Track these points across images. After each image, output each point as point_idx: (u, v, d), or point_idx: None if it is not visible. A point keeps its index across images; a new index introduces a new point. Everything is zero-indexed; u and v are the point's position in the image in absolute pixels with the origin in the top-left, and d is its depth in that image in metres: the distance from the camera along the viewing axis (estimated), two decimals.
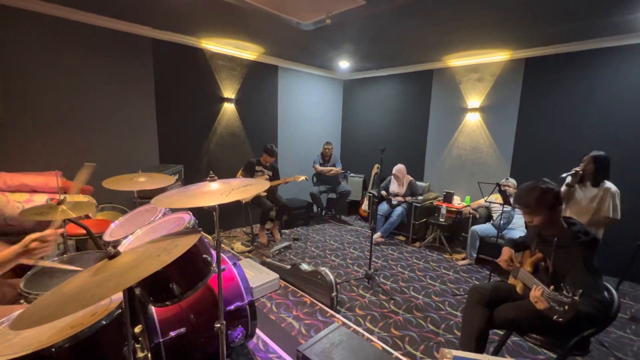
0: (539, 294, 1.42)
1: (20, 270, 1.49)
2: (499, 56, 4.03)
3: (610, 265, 3.00)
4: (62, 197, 1.75)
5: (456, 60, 4.41)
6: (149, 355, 1.34)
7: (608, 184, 2.50)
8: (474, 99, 4.35)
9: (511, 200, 3.33)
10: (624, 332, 2.47)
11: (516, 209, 3.43)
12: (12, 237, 2.49)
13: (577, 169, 2.57)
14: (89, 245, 2.40)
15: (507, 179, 3.67)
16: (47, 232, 1.35)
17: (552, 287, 1.39)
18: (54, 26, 2.95)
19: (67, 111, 3.12)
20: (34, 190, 2.59)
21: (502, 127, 4.14)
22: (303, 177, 4.20)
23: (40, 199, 2.52)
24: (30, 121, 2.92)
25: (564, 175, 2.63)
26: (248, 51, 4.39)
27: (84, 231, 2.04)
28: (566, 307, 1.26)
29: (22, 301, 1.34)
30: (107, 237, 1.69)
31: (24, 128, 2.89)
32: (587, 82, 3.47)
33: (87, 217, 2.61)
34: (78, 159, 3.18)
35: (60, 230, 1.44)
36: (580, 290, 1.27)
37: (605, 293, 1.56)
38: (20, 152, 2.88)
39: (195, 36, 3.81)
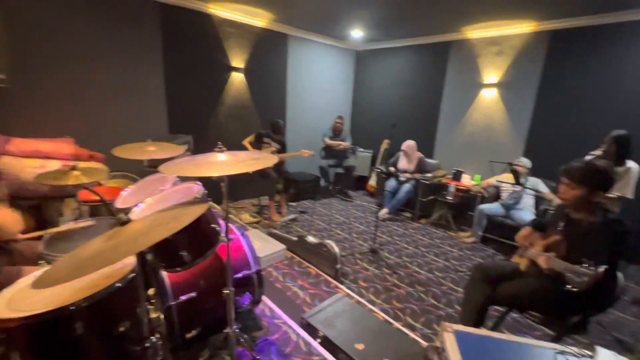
0: (544, 265, 1.45)
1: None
2: (522, 28, 3.79)
3: None
4: (74, 163, 1.78)
5: (476, 32, 4.17)
6: (162, 316, 1.42)
7: (630, 163, 2.46)
8: (492, 74, 4.16)
9: (522, 180, 3.28)
10: (623, 313, 2.50)
11: (526, 190, 3.38)
12: (29, 201, 2.58)
13: (598, 152, 2.50)
14: (102, 212, 2.47)
15: (520, 158, 3.59)
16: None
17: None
18: None
19: (77, 78, 3.09)
20: (47, 157, 2.63)
21: (519, 104, 3.98)
22: (310, 153, 4.16)
23: (53, 165, 2.57)
24: (41, 88, 2.91)
25: (588, 156, 2.57)
26: (258, 17, 4.22)
27: (96, 197, 2.09)
28: (585, 278, 1.27)
29: (41, 262, 1.41)
30: (118, 204, 1.73)
31: (35, 94, 2.89)
32: (618, 58, 3.25)
33: (99, 184, 2.66)
34: (89, 125, 3.20)
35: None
36: (606, 267, 1.28)
37: None
38: (31, 118, 2.90)
39: (203, 0, 3.66)
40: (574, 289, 1.29)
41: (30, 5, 2.76)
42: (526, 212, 3.36)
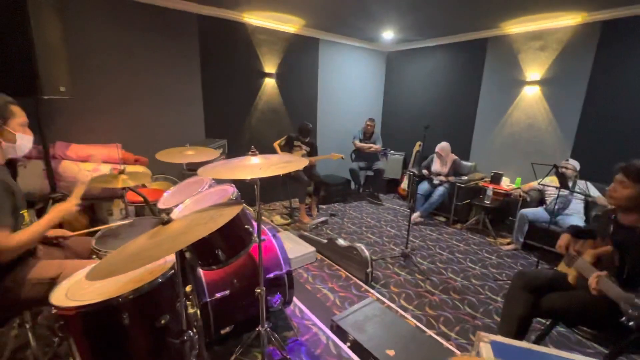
0: (594, 285, 1.31)
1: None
2: (569, 20, 3.52)
3: None
4: (122, 167, 1.93)
5: (515, 27, 3.95)
6: (198, 312, 1.49)
7: None
8: (534, 71, 3.91)
9: (570, 183, 3.04)
10: None
11: (575, 194, 3.13)
12: (84, 202, 2.83)
13: None
14: (146, 212, 2.65)
15: (568, 160, 3.33)
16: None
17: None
18: (112, 6, 3.14)
19: (125, 88, 3.36)
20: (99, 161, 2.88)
21: (566, 102, 3.70)
22: (339, 156, 4.16)
23: (104, 169, 2.81)
24: (94, 98, 3.20)
25: None
26: (289, 24, 4.32)
27: (141, 198, 2.25)
28: None
29: (93, 256, 1.54)
30: (161, 205, 1.85)
31: (89, 104, 3.18)
32: None
33: (144, 186, 2.87)
34: (134, 132, 3.45)
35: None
36: None
37: None
38: (87, 125, 3.19)
39: (238, 10, 3.81)
40: (629, 323, 1.14)
41: (85, 25, 3.04)
42: (574, 217, 3.11)
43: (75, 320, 1.00)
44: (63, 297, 1.05)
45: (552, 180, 3.15)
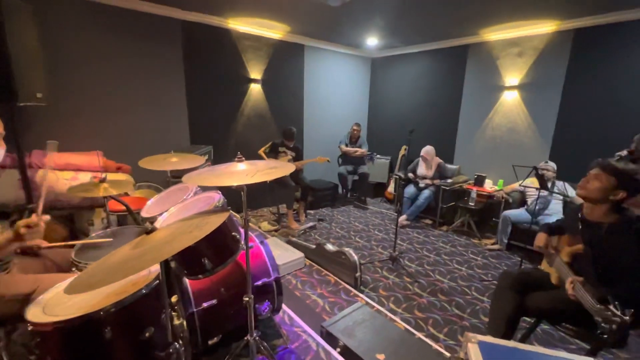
0: (571, 291, 1.37)
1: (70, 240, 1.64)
2: (544, 28, 3.68)
3: None
4: (103, 175, 1.88)
5: (494, 34, 4.09)
6: (184, 322, 1.45)
7: None
8: (513, 76, 4.05)
9: (549, 184, 3.14)
10: None
11: (554, 194, 3.24)
12: (62, 211, 2.73)
13: (624, 152, 2.38)
14: (129, 221, 2.57)
15: (546, 162, 3.45)
16: (33, 218, 1.27)
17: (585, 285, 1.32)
18: (92, 11, 3.06)
19: (106, 94, 3.27)
20: (78, 169, 2.79)
21: (543, 106, 3.85)
22: (326, 159, 4.19)
23: (84, 177, 2.71)
24: (73, 104, 3.10)
25: (618, 155, 2.44)
26: (274, 30, 4.33)
27: (124, 207, 2.19)
28: (614, 326, 1.16)
29: (73, 269, 1.48)
30: (144, 214, 1.80)
31: (68, 111, 3.08)
32: None
33: (126, 194, 2.79)
34: (116, 139, 3.36)
35: (45, 217, 1.30)
36: (632, 311, 1.18)
37: None
38: (65, 133, 3.08)
39: (223, 16, 3.80)
40: (604, 336, 1.19)
41: (65, 30, 2.96)
42: (554, 217, 3.20)
43: (52, 336, 0.95)
44: (40, 312, 1.00)
45: (533, 182, 3.26)
